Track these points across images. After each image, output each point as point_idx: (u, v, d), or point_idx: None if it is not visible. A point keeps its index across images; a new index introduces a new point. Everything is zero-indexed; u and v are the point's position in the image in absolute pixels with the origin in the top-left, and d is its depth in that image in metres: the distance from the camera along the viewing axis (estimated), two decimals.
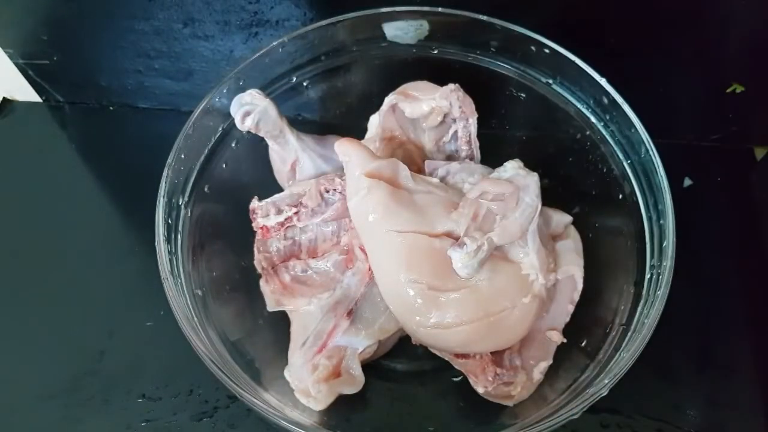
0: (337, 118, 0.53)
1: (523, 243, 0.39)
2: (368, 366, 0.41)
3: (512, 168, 0.41)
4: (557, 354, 0.41)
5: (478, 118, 0.44)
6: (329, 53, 0.48)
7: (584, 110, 0.45)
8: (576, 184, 0.47)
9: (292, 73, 0.48)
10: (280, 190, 0.47)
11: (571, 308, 0.42)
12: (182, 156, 0.42)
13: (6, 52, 0.57)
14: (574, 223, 0.45)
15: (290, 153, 0.46)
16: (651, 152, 0.40)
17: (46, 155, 0.60)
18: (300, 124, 0.47)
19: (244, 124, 0.43)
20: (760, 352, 0.46)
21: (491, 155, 0.46)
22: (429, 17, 0.46)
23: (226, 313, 0.42)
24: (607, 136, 0.44)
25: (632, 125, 0.41)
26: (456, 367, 0.41)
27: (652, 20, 0.48)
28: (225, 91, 0.44)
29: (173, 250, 0.40)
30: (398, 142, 0.47)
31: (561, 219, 0.44)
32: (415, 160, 0.46)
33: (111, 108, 0.62)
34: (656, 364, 0.44)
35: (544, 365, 0.41)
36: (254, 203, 0.44)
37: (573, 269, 0.42)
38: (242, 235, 0.46)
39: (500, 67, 0.47)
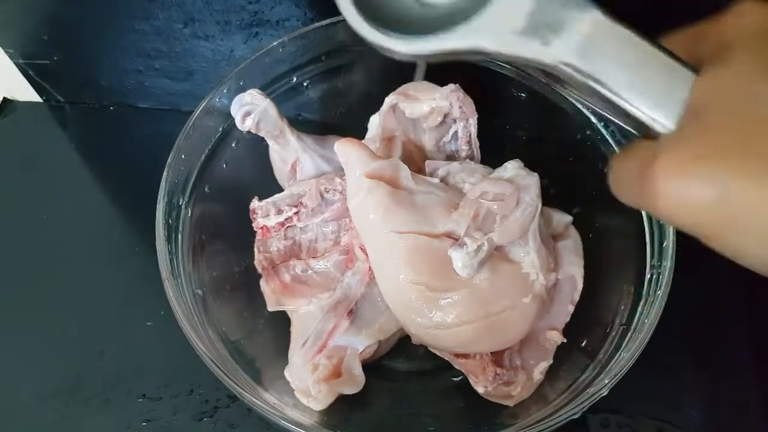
0: (337, 118, 0.53)
1: (524, 242, 0.39)
2: (368, 366, 0.41)
3: (513, 168, 0.41)
4: (557, 354, 0.41)
5: (478, 118, 0.44)
6: (329, 53, 0.48)
7: (584, 110, 0.45)
8: (576, 184, 0.47)
9: (292, 73, 0.48)
10: (280, 190, 0.47)
11: (571, 308, 0.42)
12: (182, 156, 0.42)
13: (6, 52, 0.57)
14: (574, 223, 0.45)
15: (291, 153, 0.46)
16: None
17: (46, 155, 0.60)
18: (300, 124, 0.47)
19: (244, 124, 0.43)
20: (760, 352, 0.46)
21: (491, 155, 0.46)
22: None
23: (226, 313, 0.42)
24: (607, 136, 0.44)
25: None
26: (456, 367, 0.41)
27: (653, 19, 0.48)
28: (225, 91, 0.44)
29: (173, 250, 0.40)
30: (398, 142, 0.47)
31: (561, 219, 0.44)
32: (415, 161, 0.46)
33: (111, 108, 0.62)
34: (656, 364, 0.44)
35: (544, 365, 0.41)
36: (254, 203, 0.44)
37: (573, 269, 0.42)
38: (242, 235, 0.46)
39: (500, 67, 0.47)
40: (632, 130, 0.25)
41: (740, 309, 0.48)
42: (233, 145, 0.46)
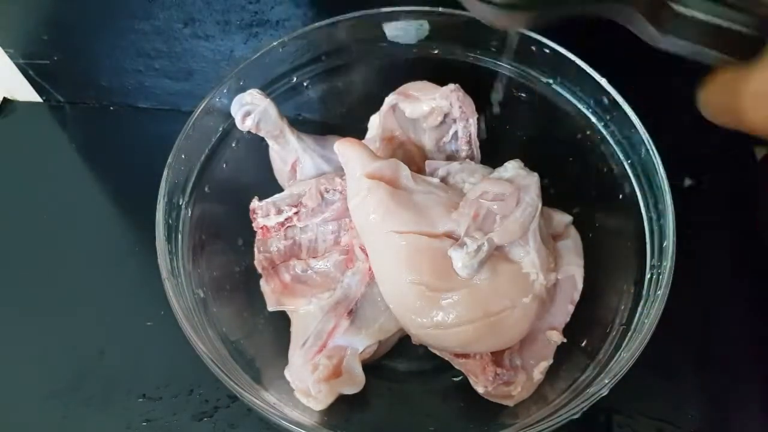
0: (337, 118, 0.53)
1: (524, 242, 0.39)
2: (369, 366, 0.41)
3: (513, 168, 0.41)
4: (557, 354, 0.41)
5: (478, 118, 0.44)
6: (329, 53, 0.48)
7: (584, 110, 0.45)
8: (576, 184, 0.47)
9: (292, 73, 0.48)
10: (280, 190, 0.47)
11: (571, 308, 0.42)
12: (182, 156, 0.42)
13: (7, 52, 0.57)
14: (574, 223, 0.45)
15: (291, 153, 0.46)
16: (651, 152, 0.40)
17: (46, 155, 0.60)
18: (300, 124, 0.47)
19: (244, 124, 0.43)
20: (760, 352, 0.46)
21: (491, 155, 0.46)
22: (429, 17, 0.46)
23: (226, 312, 0.42)
24: (608, 136, 0.44)
25: (632, 125, 0.41)
26: (456, 367, 0.41)
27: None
28: (225, 91, 0.44)
29: (173, 250, 0.40)
30: (398, 142, 0.47)
31: (561, 219, 0.44)
32: (416, 161, 0.47)
33: (111, 108, 0.62)
34: (656, 364, 0.44)
35: (544, 365, 0.41)
36: (254, 203, 0.44)
37: (573, 269, 0.42)
38: (242, 235, 0.46)
39: (500, 67, 0.47)
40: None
41: (740, 309, 0.48)
42: (233, 145, 0.46)
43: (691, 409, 0.44)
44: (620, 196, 0.43)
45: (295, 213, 0.44)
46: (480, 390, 0.40)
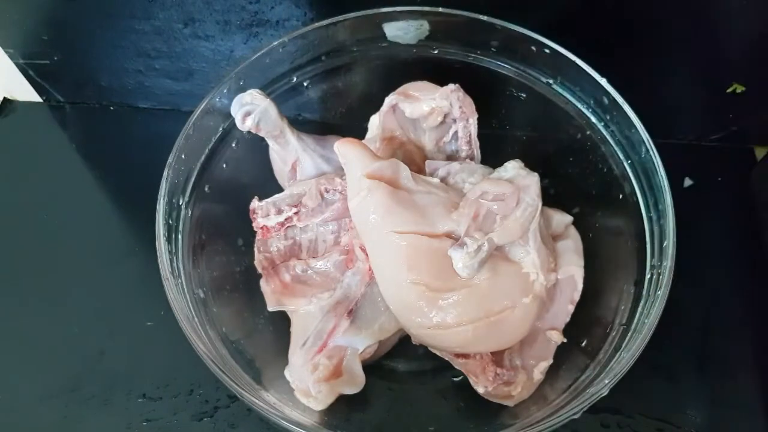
0: (337, 118, 0.53)
1: (524, 242, 0.39)
2: (369, 366, 0.41)
3: (513, 168, 0.41)
4: (557, 354, 0.41)
5: (478, 118, 0.44)
6: (329, 53, 0.48)
7: (584, 110, 0.45)
8: (576, 184, 0.47)
9: (292, 73, 0.48)
10: (280, 190, 0.47)
11: (571, 308, 0.42)
12: (183, 156, 0.42)
13: (7, 52, 0.57)
14: (574, 223, 0.45)
15: (291, 153, 0.46)
16: (651, 152, 0.40)
17: (46, 155, 0.60)
18: (300, 124, 0.47)
19: (244, 124, 0.43)
20: (760, 352, 0.46)
21: (491, 155, 0.46)
22: (429, 17, 0.46)
23: (226, 312, 0.42)
24: (608, 136, 0.44)
25: (632, 125, 0.41)
26: (456, 367, 0.41)
27: (652, 20, 0.48)
28: (225, 91, 0.44)
29: (173, 250, 0.40)
30: (398, 142, 0.47)
31: (561, 219, 0.44)
32: (416, 161, 0.46)
33: (111, 108, 0.62)
34: (656, 364, 0.44)
35: (544, 365, 0.41)
36: (254, 203, 0.44)
37: (573, 269, 0.42)
38: (242, 235, 0.46)
39: (500, 67, 0.47)
40: None
41: (740, 309, 0.49)
42: (233, 145, 0.46)
43: (691, 409, 0.44)
44: (620, 196, 0.43)
45: (295, 213, 0.44)
46: (480, 390, 0.40)
